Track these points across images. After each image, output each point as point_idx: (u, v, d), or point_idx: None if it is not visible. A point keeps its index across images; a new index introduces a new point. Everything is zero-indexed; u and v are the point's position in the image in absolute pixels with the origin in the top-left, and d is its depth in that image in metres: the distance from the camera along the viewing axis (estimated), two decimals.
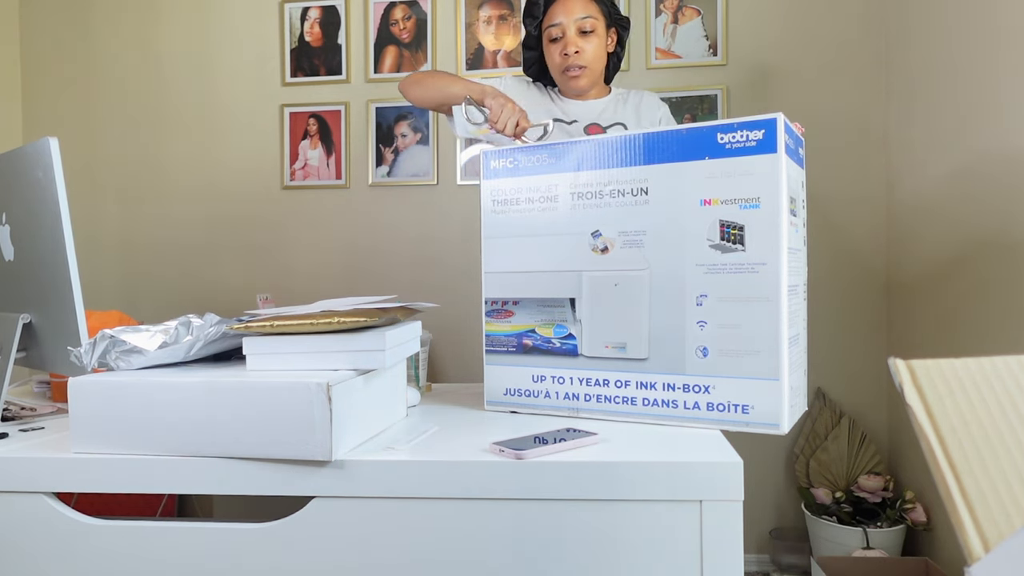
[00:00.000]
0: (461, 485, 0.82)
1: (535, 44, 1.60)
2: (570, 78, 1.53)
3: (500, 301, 1.09)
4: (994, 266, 1.73)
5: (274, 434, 0.83)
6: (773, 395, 0.91)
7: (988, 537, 0.35)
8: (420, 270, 2.59)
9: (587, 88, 1.56)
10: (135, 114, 2.74)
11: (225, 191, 2.69)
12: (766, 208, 0.91)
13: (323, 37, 2.62)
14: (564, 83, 1.56)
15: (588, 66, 1.51)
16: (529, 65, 1.64)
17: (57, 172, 1.01)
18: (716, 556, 0.78)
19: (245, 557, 0.85)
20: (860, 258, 2.36)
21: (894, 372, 0.41)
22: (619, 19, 1.57)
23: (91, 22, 2.76)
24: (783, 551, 2.26)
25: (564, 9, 1.50)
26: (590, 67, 1.52)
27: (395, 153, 2.58)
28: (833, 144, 2.36)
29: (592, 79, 1.55)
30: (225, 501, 1.33)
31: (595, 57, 1.52)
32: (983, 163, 1.77)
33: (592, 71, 1.53)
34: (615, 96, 1.62)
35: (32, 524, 0.88)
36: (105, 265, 2.77)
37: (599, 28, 1.51)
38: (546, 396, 1.06)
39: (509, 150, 1.09)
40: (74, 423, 0.88)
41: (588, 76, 1.53)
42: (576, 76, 1.52)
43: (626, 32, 1.59)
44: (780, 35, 2.39)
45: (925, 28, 2.07)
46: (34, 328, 1.12)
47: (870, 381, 2.36)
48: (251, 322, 0.92)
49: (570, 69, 1.51)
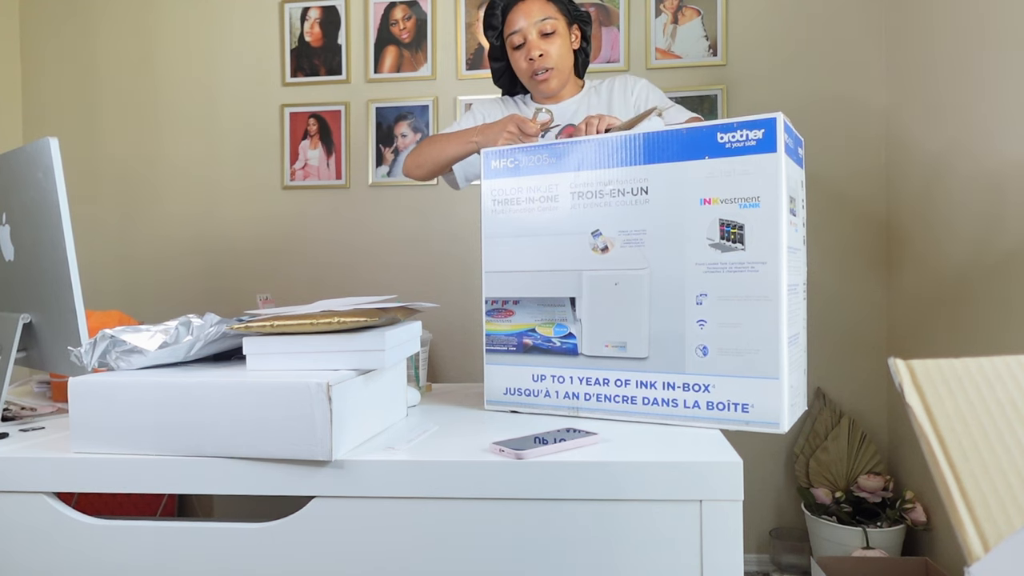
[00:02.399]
0: (461, 485, 0.82)
1: (500, 55, 1.60)
2: (539, 82, 1.53)
3: (500, 300, 1.09)
4: (994, 266, 1.73)
5: (274, 434, 0.83)
6: (773, 394, 0.91)
7: (988, 537, 0.35)
8: (420, 270, 2.59)
9: (558, 88, 1.56)
10: (135, 114, 2.74)
11: (225, 191, 2.69)
12: (766, 207, 0.91)
13: (323, 37, 2.62)
14: (534, 88, 1.56)
15: (555, 67, 1.52)
16: (498, 76, 1.64)
17: (57, 172, 1.01)
18: (716, 556, 0.78)
19: (245, 557, 0.85)
20: (860, 258, 2.36)
21: (894, 372, 0.41)
22: (579, 15, 1.57)
23: (91, 22, 2.76)
24: (783, 551, 2.26)
25: (522, 14, 1.50)
26: (557, 68, 1.52)
27: (395, 153, 2.58)
28: (833, 143, 2.36)
29: (562, 79, 1.55)
30: (225, 501, 1.33)
31: (560, 57, 1.52)
32: (983, 163, 1.77)
33: (560, 71, 1.53)
34: (587, 90, 1.61)
35: (32, 524, 0.88)
36: (105, 265, 2.77)
37: (560, 28, 1.51)
38: (546, 396, 1.06)
39: (509, 150, 1.09)
40: (74, 423, 0.88)
41: (557, 77, 1.53)
42: (545, 79, 1.52)
43: (588, 27, 1.59)
44: (780, 35, 2.39)
45: (925, 28, 2.07)
46: (34, 328, 1.12)
47: (870, 381, 2.36)
48: (251, 322, 0.92)
49: (537, 73, 1.52)
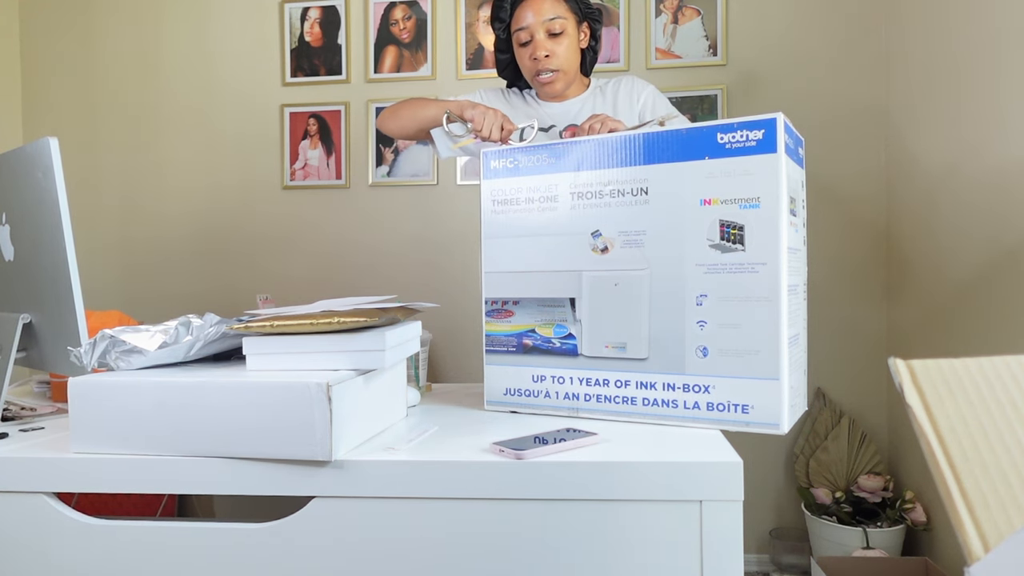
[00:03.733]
0: (461, 485, 0.82)
1: (505, 47, 1.57)
2: (543, 83, 1.50)
3: (500, 301, 1.09)
4: (994, 266, 1.73)
5: (274, 434, 0.83)
6: (773, 395, 0.91)
7: (988, 537, 0.35)
8: (420, 270, 2.59)
9: (563, 90, 1.53)
10: (135, 114, 2.74)
11: (225, 191, 2.69)
12: (766, 208, 0.91)
13: (323, 37, 2.62)
14: (538, 87, 1.53)
15: (560, 69, 1.48)
16: (503, 68, 1.61)
17: (57, 172, 1.01)
18: (716, 556, 0.78)
19: (245, 557, 0.85)
20: (860, 258, 2.36)
21: (894, 372, 0.41)
22: (590, 12, 1.53)
23: (91, 22, 2.76)
24: (783, 551, 2.26)
25: (531, 10, 1.46)
26: (562, 69, 1.49)
27: (395, 153, 2.58)
28: (833, 143, 2.36)
29: (567, 80, 1.52)
30: (225, 501, 1.33)
31: (567, 59, 1.49)
32: (983, 163, 1.77)
33: (566, 73, 1.50)
34: (592, 90, 1.58)
35: (32, 524, 0.88)
36: (105, 265, 2.77)
37: (569, 27, 1.48)
38: (546, 396, 1.06)
39: (509, 150, 1.09)
40: (74, 423, 0.88)
41: (562, 79, 1.50)
42: (550, 81, 1.49)
43: (599, 25, 1.55)
44: (780, 35, 2.39)
45: (925, 28, 2.07)
46: (34, 328, 1.12)
47: (870, 381, 2.36)
48: (251, 322, 0.92)
49: (541, 74, 1.49)
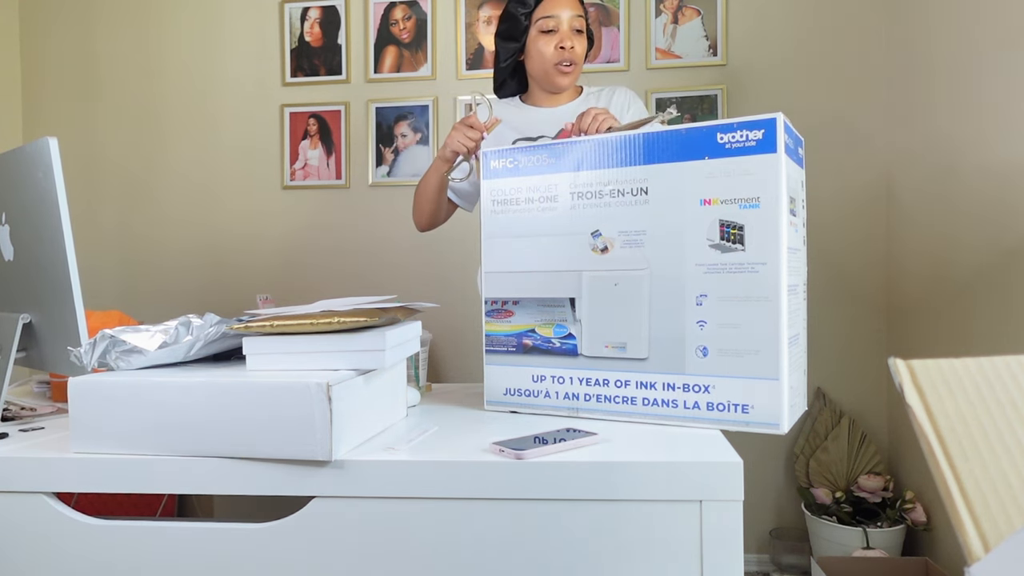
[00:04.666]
0: (461, 485, 0.82)
1: (520, 35, 1.56)
2: (561, 72, 1.52)
3: (500, 301, 1.09)
4: (994, 266, 1.73)
5: (274, 434, 0.83)
6: (773, 395, 0.91)
7: (988, 537, 0.35)
8: (420, 270, 2.59)
9: (570, 85, 1.58)
10: (135, 114, 2.74)
11: (225, 191, 2.69)
12: (766, 208, 0.91)
13: (323, 37, 2.62)
14: (552, 77, 1.53)
15: (577, 63, 1.54)
16: (507, 56, 1.59)
17: (57, 172, 1.01)
18: (716, 556, 0.78)
19: (245, 557, 0.85)
20: (860, 258, 2.36)
21: (894, 372, 0.41)
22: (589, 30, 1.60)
23: (91, 22, 2.76)
24: (783, 551, 2.26)
25: (560, 4, 1.51)
26: (578, 65, 1.54)
27: (395, 153, 2.58)
28: (833, 144, 2.36)
29: (576, 77, 1.57)
30: (225, 501, 1.33)
31: (581, 57, 1.54)
32: (985, 162, 1.77)
33: (578, 69, 1.55)
34: (585, 96, 1.62)
35: (32, 524, 0.88)
36: (105, 265, 2.77)
37: (584, 31, 1.54)
38: (546, 396, 1.06)
39: (509, 150, 1.09)
40: (74, 423, 0.88)
41: (576, 74, 1.55)
42: (568, 72, 1.53)
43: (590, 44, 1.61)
44: (780, 35, 2.39)
45: (925, 28, 2.07)
46: (34, 328, 1.12)
47: (870, 381, 2.36)
48: (251, 322, 0.92)
49: (563, 63, 1.51)
